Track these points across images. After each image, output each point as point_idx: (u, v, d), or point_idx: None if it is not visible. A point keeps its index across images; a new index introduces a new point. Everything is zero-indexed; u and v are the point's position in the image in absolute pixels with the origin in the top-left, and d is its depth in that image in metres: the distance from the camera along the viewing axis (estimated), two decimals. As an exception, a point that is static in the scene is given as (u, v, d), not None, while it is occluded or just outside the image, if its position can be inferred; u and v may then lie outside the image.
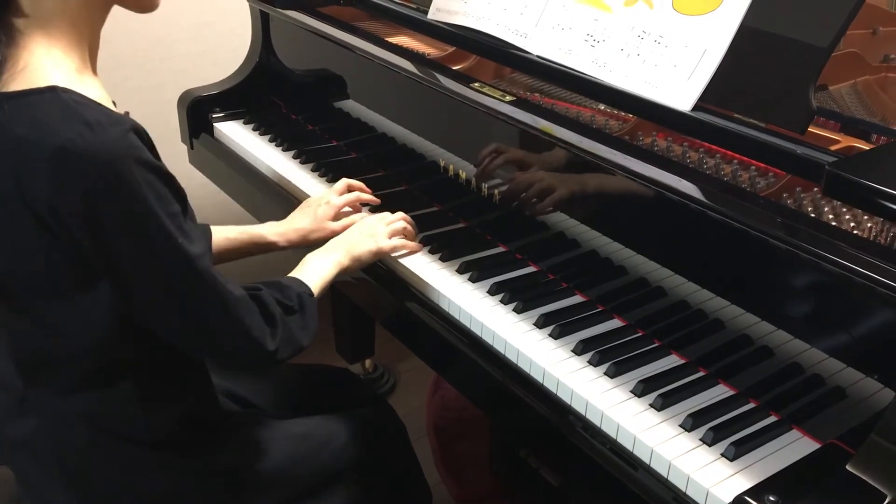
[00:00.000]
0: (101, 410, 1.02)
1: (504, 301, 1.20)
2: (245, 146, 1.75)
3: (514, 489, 1.73)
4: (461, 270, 1.27)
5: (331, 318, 2.15)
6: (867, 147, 1.10)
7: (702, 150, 1.17)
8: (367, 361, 2.31)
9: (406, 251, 1.32)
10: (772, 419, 0.98)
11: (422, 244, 1.34)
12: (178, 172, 0.97)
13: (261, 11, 1.87)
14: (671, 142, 1.19)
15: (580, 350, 1.09)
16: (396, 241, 1.31)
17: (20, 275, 0.95)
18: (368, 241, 1.28)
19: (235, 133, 1.81)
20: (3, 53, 0.89)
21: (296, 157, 1.68)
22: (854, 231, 0.98)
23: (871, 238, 0.98)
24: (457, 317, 1.20)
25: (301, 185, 1.58)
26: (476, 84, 1.34)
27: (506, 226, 1.36)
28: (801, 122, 1.06)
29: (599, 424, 1.00)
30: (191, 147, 1.90)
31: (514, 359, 1.11)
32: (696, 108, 1.14)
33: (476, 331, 1.17)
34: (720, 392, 1.03)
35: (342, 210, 1.40)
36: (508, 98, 1.29)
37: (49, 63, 0.90)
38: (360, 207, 1.45)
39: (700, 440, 0.95)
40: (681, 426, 0.97)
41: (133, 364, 1.02)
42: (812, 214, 1.02)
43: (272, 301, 1.05)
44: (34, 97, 0.87)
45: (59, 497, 1.07)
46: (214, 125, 1.85)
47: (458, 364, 1.21)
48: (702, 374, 1.06)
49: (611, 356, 1.08)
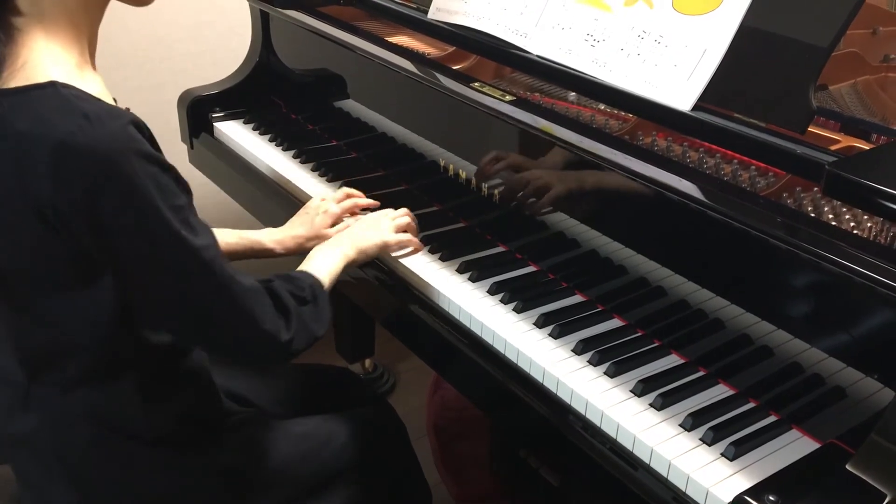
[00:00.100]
0: (103, 408, 1.02)
1: (504, 301, 1.20)
2: (245, 146, 1.75)
3: (514, 489, 1.73)
4: (461, 270, 1.27)
5: (331, 318, 2.15)
6: (867, 147, 1.11)
7: (702, 150, 1.17)
8: (367, 361, 2.31)
9: (410, 248, 1.32)
10: (772, 419, 0.98)
11: (422, 243, 1.34)
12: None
13: (261, 11, 1.87)
14: (671, 141, 1.19)
15: (580, 350, 1.09)
16: (402, 236, 1.31)
17: (21, 271, 0.94)
18: (374, 234, 1.28)
19: (235, 133, 1.81)
20: (3, 52, 0.89)
21: (296, 157, 1.68)
22: (854, 231, 0.98)
23: (871, 238, 0.98)
24: (457, 316, 1.20)
25: (301, 185, 1.58)
26: (476, 84, 1.34)
27: (506, 225, 1.36)
28: (801, 122, 1.06)
29: (599, 424, 1.00)
30: (191, 147, 1.90)
31: (514, 358, 1.11)
32: (696, 108, 1.14)
33: (476, 330, 1.17)
34: (720, 392, 1.03)
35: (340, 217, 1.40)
36: (508, 98, 1.29)
37: (48, 59, 0.90)
38: (358, 214, 1.45)
39: (700, 440, 0.95)
40: (681, 426, 0.97)
41: (134, 361, 1.02)
42: (812, 214, 1.02)
43: (285, 292, 1.05)
44: (34, 93, 0.87)
45: (60, 496, 1.06)
46: (214, 125, 1.85)
47: (458, 364, 1.21)
48: (702, 374, 1.06)
49: (611, 356, 1.08)
